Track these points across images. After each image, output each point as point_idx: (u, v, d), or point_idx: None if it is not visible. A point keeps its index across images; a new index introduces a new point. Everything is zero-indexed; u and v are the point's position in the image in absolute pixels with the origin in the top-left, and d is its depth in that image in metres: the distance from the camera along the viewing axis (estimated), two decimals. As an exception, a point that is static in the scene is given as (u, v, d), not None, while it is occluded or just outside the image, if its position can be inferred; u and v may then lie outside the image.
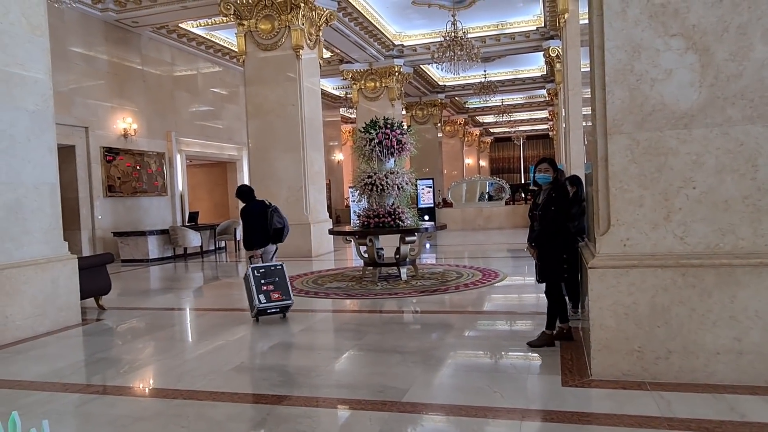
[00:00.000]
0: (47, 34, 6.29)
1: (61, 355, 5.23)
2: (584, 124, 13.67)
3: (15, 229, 5.78)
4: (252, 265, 6.28)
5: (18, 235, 5.81)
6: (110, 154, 13.08)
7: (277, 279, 6.17)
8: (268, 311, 6.10)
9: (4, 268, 5.60)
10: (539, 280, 4.84)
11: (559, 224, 4.65)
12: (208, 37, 15.59)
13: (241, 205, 7.19)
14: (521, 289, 7.84)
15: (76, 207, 12.30)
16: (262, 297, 6.04)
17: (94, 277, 6.98)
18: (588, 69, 4.28)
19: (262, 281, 6.11)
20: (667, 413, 3.18)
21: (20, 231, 5.84)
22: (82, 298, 6.62)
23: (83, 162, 12.50)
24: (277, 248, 7.23)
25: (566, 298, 5.23)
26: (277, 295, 6.10)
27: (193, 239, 13.24)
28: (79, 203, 12.42)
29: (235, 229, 15.02)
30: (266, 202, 7.11)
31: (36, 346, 5.50)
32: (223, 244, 15.30)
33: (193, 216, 14.65)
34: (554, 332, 4.70)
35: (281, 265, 6.34)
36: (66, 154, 11.67)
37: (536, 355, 4.48)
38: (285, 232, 6.99)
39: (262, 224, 6.89)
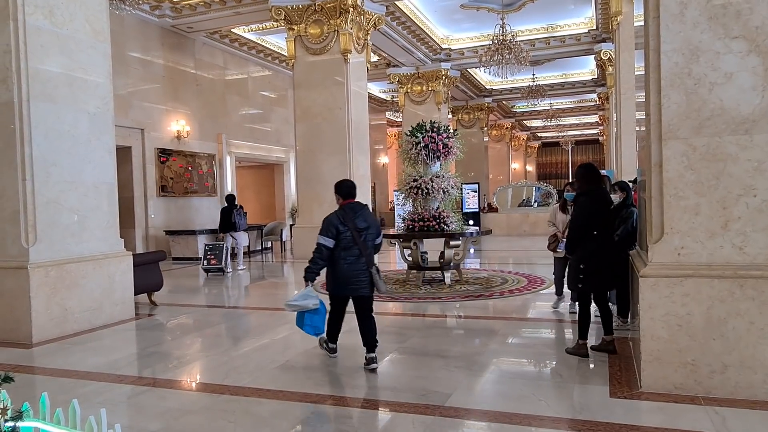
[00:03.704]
0: (109, 39, 6.58)
1: (116, 348, 5.44)
2: (637, 129, 13.28)
3: (75, 226, 6.06)
4: (206, 242, 11.29)
5: (78, 232, 6.08)
6: (164, 155, 13.53)
7: (217, 252, 10.50)
8: (210, 271, 10.48)
9: (64, 263, 5.88)
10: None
11: (579, 236, 4.57)
12: (258, 41, 15.94)
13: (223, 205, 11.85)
14: (568, 297, 7.66)
15: (131, 206, 12.77)
16: (205, 261, 10.57)
17: (147, 274, 7.23)
18: (642, 72, 4.17)
19: (208, 253, 10.55)
20: (722, 430, 3.06)
21: (80, 228, 6.11)
22: (136, 293, 6.87)
23: (138, 162, 12.98)
24: (242, 233, 11.81)
25: (613, 306, 5.30)
26: (213, 261, 10.45)
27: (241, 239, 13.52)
28: (134, 202, 12.90)
29: (282, 230, 15.26)
30: (236, 207, 11.40)
31: (93, 338, 5.74)
32: (269, 244, 15.58)
33: (241, 216, 14.97)
34: (611, 338, 4.65)
35: (223, 244, 10.74)
36: (123, 154, 12.11)
37: (583, 364, 4.38)
38: (236, 227, 11.27)
39: (227, 220, 11.32)
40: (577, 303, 5.39)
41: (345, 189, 4.69)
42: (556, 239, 6.21)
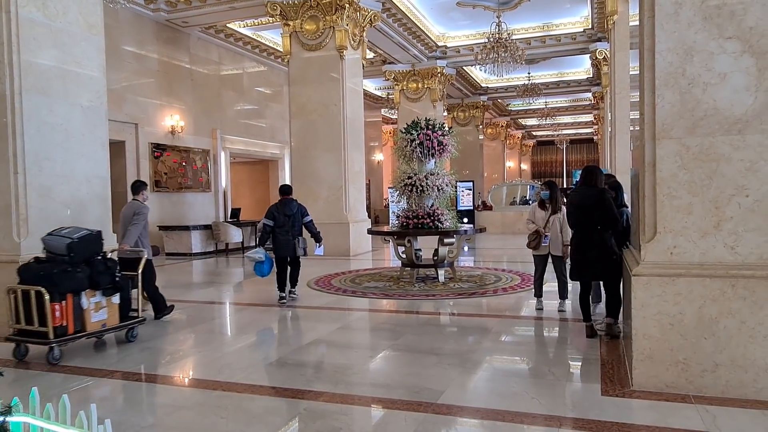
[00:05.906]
0: (102, 33, 6.52)
1: (108, 343, 5.40)
2: (631, 128, 13.33)
3: (68, 220, 6.00)
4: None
5: (70, 226, 6.02)
6: (158, 150, 13.47)
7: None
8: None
9: (56, 258, 5.82)
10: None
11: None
12: (254, 37, 15.88)
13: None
14: (547, 297, 7.68)
15: (124, 201, 12.56)
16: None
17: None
18: (637, 72, 4.18)
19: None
20: (713, 428, 3.08)
21: (72, 222, 6.05)
22: (129, 288, 6.82)
23: (132, 157, 12.90)
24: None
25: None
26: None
27: (235, 235, 13.53)
28: (127, 197, 12.76)
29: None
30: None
31: (84, 333, 5.70)
32: (263, 240, 15.56)
33: (235, 212, 14.94)
34: (611, 321, 5.05)
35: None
36: (116, 149, 12.05)
37: (575, 362, 4.40)
38: None
39: None
40: (566, 302, 6.43)
41: (283, 189, 7.45)
42: (538, 235, 6.34)
